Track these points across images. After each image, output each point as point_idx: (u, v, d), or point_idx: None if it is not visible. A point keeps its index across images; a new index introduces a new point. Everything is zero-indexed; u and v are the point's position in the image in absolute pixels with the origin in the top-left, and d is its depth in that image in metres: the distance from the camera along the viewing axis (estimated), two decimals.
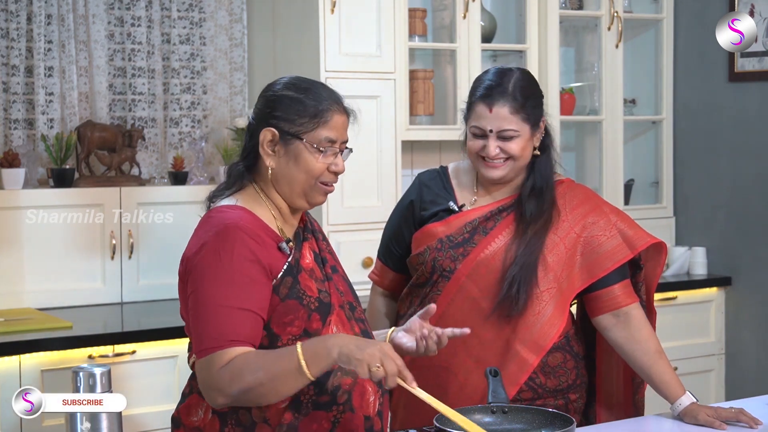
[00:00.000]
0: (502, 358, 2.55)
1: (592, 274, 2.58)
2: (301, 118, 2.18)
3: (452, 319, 2.56)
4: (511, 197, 2.65)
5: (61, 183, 3.95)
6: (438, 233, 2.64)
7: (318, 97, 2.21)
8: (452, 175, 2.74)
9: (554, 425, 2.19)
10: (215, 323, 2.07)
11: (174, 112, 4.32)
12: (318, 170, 2.20)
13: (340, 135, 2.23)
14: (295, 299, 2.15)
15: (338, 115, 2.22)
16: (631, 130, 4.94)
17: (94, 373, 1.81)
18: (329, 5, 4.02)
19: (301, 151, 2.18)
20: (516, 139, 2.56)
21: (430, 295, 2.62)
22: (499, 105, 2.55)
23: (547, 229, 2.59)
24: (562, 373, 2.61)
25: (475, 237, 2.61)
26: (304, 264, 2.20)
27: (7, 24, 4.00)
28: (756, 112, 4.61)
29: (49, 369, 3.38)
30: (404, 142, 4.26)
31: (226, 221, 2.13)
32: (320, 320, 2.17)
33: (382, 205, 4.13)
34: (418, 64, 4.49)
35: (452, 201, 2.67)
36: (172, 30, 4.30)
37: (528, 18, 4.53)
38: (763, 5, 4.51)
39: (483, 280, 2.58)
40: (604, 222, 2.62)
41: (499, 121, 2.55)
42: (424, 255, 2.64)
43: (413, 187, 2.77)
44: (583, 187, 2.73)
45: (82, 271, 3.93)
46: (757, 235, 4.62)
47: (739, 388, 4.62)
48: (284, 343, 2.14)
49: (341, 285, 2.28)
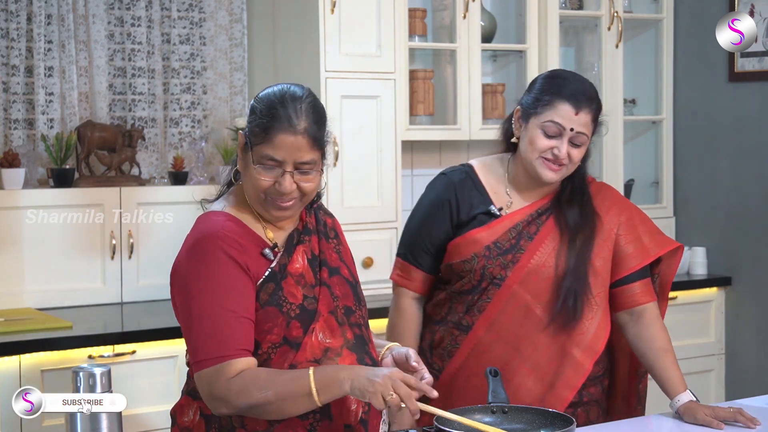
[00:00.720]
0: (558, 363, 2.57)
1: (616, 271, 2.63)
2: (255, 129, 2.16)
3: (504, 326, 2.59)
4: (546, 198, 2.65)
5: (61, 183, 3.95)
6: (483, 240, 2.61)
7: (272, 113, 2.14)
8: (480, 174, 2.70)
9: (554, 425, 2.19)
10: (211, 333, 2.08)
11: (174, 112, 4.31)
12: (259, 185, 2.16)
13: (288, 156, 2.13)
14: (275, 306, 2.14)
15: (285, 135, 2.12)
16: (631, 130, 4.94)
17: (94, 373, 1.81)
18: (329, 5, 4.01)
19: (249, 162, 2.17)
20: (582, 147, 2.58)
21: (478, 303, 2.61)
22: (586, 111, 2.55)
23: (594, 236, 2.61)
24: (600, 359, 2.65)
25: (521, 243, 2.61)
26: (292, 269, 2.19)
27: (7, 24, 4.00)
28: (756, 112, 4.61)
29: (49, 369, 3.38)
30: (404, 142, 4.26)
31: (204, 231, 2.16)
32: (301, 328, 2.15)
33: (382, 205, 4.14)
34: (418, 64, 4.49)
35: (491, 205, 2.65)
36: (172, 30, 4.30)
37: (528, 18, 4.53)
38: (763, 5, 4.51)
39: (535, 287, 2.59)
40: (630, 224, 2.66)
41: (581, 126, 2.55)
42: (472, 263, 2.61)
43: (444, 186, 2.70)
44: (609, 186, 2.78)
45: (82, 271, 3.92)
46: (757, 235, 4.62)
47: (739, 388, 4.62)
48: (264, 350, 2.13)
49: (340, 288, 2.26)
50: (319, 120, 2.18)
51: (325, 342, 2.17)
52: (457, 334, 2.63)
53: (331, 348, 2.18)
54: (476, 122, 4.41)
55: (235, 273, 2.11)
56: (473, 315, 2.61)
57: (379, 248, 4.17)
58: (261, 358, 2.14)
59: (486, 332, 2.60)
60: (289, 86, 2.21)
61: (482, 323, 2.60)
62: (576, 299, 2.55)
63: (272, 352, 2.14)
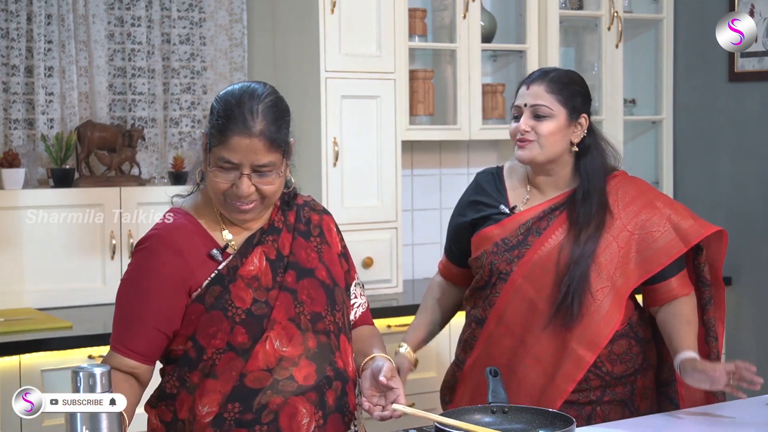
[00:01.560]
0: (560, 356, 2.60)
1: (647, 270, 2.63)
2: (212, 131, 2.13)
3: (511, 319, 2.65)
4: (564, 194, 2.68)
5: (61, 183, 3.95)
6: (494, 236, 2.69)
7: (228, 114, 2.10)
8: (506, 175, 2.79)
9: (554, 425, 2.19)
10: (117, 324, 2.16)
11: (174, 112, 4.31)
12: (217, 187, 2.14)
13: (244, 158, 2.09)
14: (220, 310, 2.12)
15: (240, 138, 2.08)
16: (631, 130, 4.94)
17: (94, 373, 1.81)
18: (329, 5, 4.01)
19: (209, 163, 2.15)
20: (548, 120, 2.61)
21: (489, 298, 2.69)
22: (537, 84, 2.65)
23: (599, 233, 2.62)
24: (629, 359, 2.65)
25: (528, 238, 2.66)
26: (244, 272, 2.16)
27: (7, 24, 4.00)
28: (756, 112, 4.61)
29: (49, 369, 3.38)
30: (404, 142, 4.26)
31: (151, 231, 2.19)
32: (246, 334, 2.12)
33: (381, 206, 4.14)
34: (418, 64, 4.49)
35: (503, 203, 2.71)
36: (172, 30, 4.30)
37: (528, 18, 4.53)
38: (763, 5, 4.51)
39: (539, 281, 2.62)
40: (657, 218, 2.65)
41: (533, 97, 2.63)
42: (482, 259, 2.69)
43: (470, 188, 2.84)
44: (636, 181, 2.75)
45: (82, 271, 3.92)
46: (757, 235, 4.62)
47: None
48: (209, 356, 2.12)
49: (309, 292, 2.20)
50: (278, 120, 2.13)
51: (281, 350, 2.13)
52: (475, 327, 2.73)
53: (287, 357, 2.13)
54: (476, 122, 4.41)
55: (158, 279, 2.13)
56: (486, 309, 2.69)
57: (379, 248, 4.17)
58: (207, 364, 2.12)
59: (496, 325, 2.67)
60: (249, 84, 2.17)
61: (493, 317, 2.67)
62: (574, 298, 2.57)
63: (217, 358, 2.12)
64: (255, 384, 2.11)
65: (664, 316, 2.65)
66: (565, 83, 2.65)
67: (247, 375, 2.11)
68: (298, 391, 2.13)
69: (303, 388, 2.13)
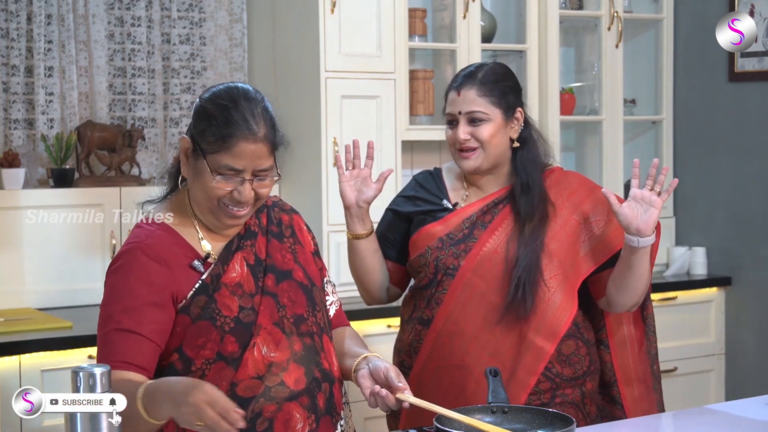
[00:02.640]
0: (518, 349, 2.56)
1: (596, 259, 2.62)
2: (209, 137, 2.07)
3: (461, 316, 2.59)
4: (504, 189, 2.68)
5: (61, 183, 3.95)
6: (437, 233, 2.65)
7: (228, 119, 2.05)
8: (445, 174, 2.77)
9: (554, 425, 2.19)
10: (103, 342, 2.07)
11: (174, 112, 4.32)
12: (214, 193, 2.08)
13: (248, 164, 2.06)
14: (208, 320, 2.08)
15: (246, 143, 2.04)
16: (631, 130, 4.94)
17: (94, 373, 1.81)
18: (329, 5, 4.01)
19: (203, 170, 2.08)
20: (486, 124, 2.59)
21: (435, 295, 2.63)
22: (467, 88, 2.61)
23: (544, 224, 2.61)
24: (577, 361, 2.63)
25: (474, 232, 2.63)
26: (227, 279, 2.12)
27: (7, 24, 4.00)
28: (756, 112, 4.61)
29: (49, 369, 3.38)
30: (404, 142, 4.26)
31: (131, 240, 2.12)
32: (236, 343, 2.08)
33: (381, 205, 4.12)
34: (418, 64, 4.50)
35: (446, 199, 2.69)
36: (172, 30, 4.30)
37: (528, 18, 4.53)
38: (763, 5, 4.51)
39: (489, 274, 2.59)
40: (601, 206, 2.65)
41: (467, 104, 2.59)
42: (426, 256, 2.64)
43: (408, 186, 2.82)
44: (575, 174, 2.77)
45: (82, 271, 3.92)
46: (757, 235, 4.62)
47: (739, 388, 4.63)
48: (198, 367, 2.08)
49: (291, 295, 2.18)
50: (275, 124, 2.11)
51: (270, 356, 2.10)
52: (420, 329, 2.65)
53: (276, 362, 2.11)
54: None
55: (147, 288, 2.06)
56: (432, 308, 2.63)
57: None
58: (196, 375, 2.07)
59: (445, 323, 2.61)
60: (237, 86, 2.13)
61: (441, 315, 2.61)
62: (526, 288, 2.54)
63: (206, 369, 2.08)
64: (246, 393, 2.08)
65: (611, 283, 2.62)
66: (495, 82, 2.62)
67: (238, 384, 2.08)
68: (291, 396, 2.11)
69: (295, 393, 2.11)
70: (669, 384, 4.17)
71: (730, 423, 2.44)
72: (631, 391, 2.72)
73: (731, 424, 2.43)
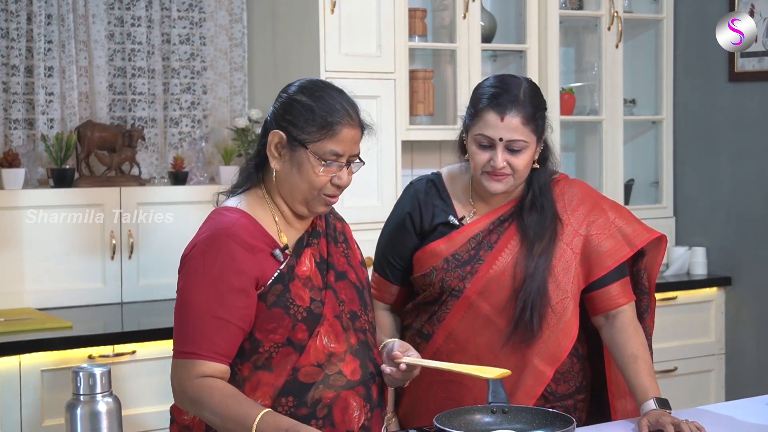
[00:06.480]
0: (519, 372, 2.51)
1: (591, 272, 2.55)
2: (309, 127, 2.14)
3: (463, 336, 2.55)
4: (509, 204, 2.59)
5: (61, 183, 3.95)
6: (442, 252, 2.57)
7: (330, 107, 2.17)
8: (447, 183, 2.66)
9: (554, 425, 2.19)
10: (193, 329, 2.09)
11: (174, 112, 4.32)
12: (319, 182, 2.15)
13: (348, 149, 2.16)
14: (282, 308, 2.13)
15: (348, 129, 2.16)
16: (631, 130, 4.94)
17: (94, 373, 1.81)
18: (329, 5, 4.02)
19: (305, 160, 2.14)
20: (524, 153, 2.48)
21: (438, 313, 2.58)
22: (512, 114, 2.45)
23: (554, 245, 2.53)
24: (571, 378, 2.60)
25: (480, 253, 2.55)
26: (300, 272, 2.18)
27: (7, 24, 4.00)
28: (756, 112, 4.61)
29: (49, 369, 3.38)
30: (404, 142, 4.26)
31: (218, 226, 2.14)
32: (306, 331, 2.14)
33: (382, 206, 4.13)
34: (418, 64, 4.50)
35: (452, 214, 2.60)
36: (172, 30, 4.31)
37: (528, 18, 4.53)
38: (763, 5, 4.51)
39: (494, 297, 2.53)
40: (603, 220, 2.57)
41: (510, 131, 2.46)
42: (431, 276, 2.57)
43: (407, 197, 2.67)
44: (579, 184, 2.67)
45: (82, 271, 3.93)
46: (757, 235, 4.62)
47: (739, 388, 4.63)
48: (266, 349, 2.13)
49: (347, 293, 2.24)
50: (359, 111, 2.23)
51: (330, 347, 2.16)
52: (419, 341, 2.59)
53: (335, 353, 2.17)
54: None
55: (236, 276, 2.10)
56: (433, 324, 2.58)
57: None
58: (261, 357, 2.13)
59: (445, 341, 2.56)
60: (318, 78, 2.27)
61: (441, 333, 2.57)
62: (533, 313, 2.48)
63: (274, 352, 2.13)
64: (307, 378, 2.14)
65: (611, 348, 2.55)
66: (535, 107, 2.50)
67: (299, 369, 2.13)
68: (348, 385, 2.17)
69: (352, 383, 2.18)
70: (669, 384, 4.18)
71: (730, 423, 2.44)
72: (624, 404, 2.66)
73: (731, 424, 2.43)
